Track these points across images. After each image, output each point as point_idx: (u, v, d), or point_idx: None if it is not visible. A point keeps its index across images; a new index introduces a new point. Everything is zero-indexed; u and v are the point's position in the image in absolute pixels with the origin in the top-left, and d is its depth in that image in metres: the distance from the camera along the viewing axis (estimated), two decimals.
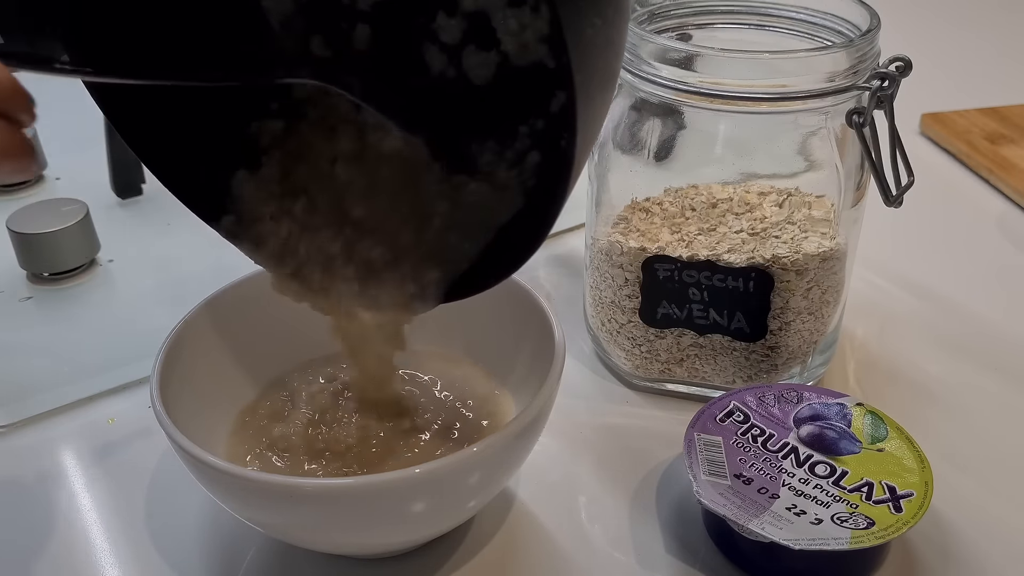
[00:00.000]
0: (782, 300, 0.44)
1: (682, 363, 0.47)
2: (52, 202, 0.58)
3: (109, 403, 0.49)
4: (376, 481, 0.33)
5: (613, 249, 0.46)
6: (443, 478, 0.34)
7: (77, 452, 0.46)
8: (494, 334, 0.45)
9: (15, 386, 0.50)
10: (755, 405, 0.42)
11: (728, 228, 0.44)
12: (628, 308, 0.46)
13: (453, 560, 0.40)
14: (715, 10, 0.47)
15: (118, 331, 0.54)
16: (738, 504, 0.37)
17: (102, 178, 0.65)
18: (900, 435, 0.40)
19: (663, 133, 0.44)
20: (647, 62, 0.42)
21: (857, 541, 0.36)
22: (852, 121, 0.41)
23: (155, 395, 0.37)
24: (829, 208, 0.44)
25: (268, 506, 0.35)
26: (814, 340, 0.46)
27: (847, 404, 0.42)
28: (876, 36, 0.42)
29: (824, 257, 0.44)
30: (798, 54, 0.41)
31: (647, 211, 0.46)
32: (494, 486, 0.39)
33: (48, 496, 0.43)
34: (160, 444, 0.45)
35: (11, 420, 0.47)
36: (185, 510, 0.42)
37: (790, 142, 0.44)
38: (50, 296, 0.56)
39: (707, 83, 0.41)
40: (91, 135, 0.64)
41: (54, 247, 0.56)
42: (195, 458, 0.34)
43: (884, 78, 0.41)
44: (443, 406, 0.42)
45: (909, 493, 0.37)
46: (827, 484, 0.38)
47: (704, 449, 0.40)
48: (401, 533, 0.37)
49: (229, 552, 0.40)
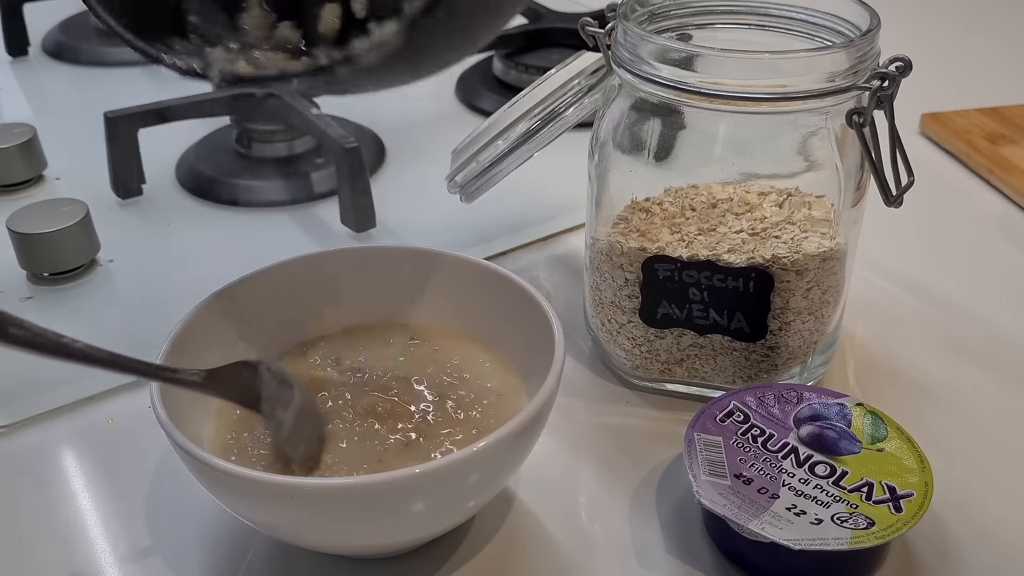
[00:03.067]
0: (782, 300, 0.44)
1: (682, 363, 0.47)
2: (52, 202, 0.58)
3: (109, 403, 0.49)
4: (376, 481, 0.33)
5: (613, 249, 0.46)
6: (443, 478, 0.34)
7: (77, 452, 0.46)
8: (494, 334, 0.45)
9: (15, 386, 0.50)
10: (755, 405, 0.42)
11: (728, 228, 0.44)
12: (628, 308, 0.46)
13: (453, 560, 0.40)
14: (715, 10, 0.47)
15: (118, 331, 0.54)
16: (738, 504, 0.37)
17: (102, 178, 0.66)
18: (900, 435, 0.40)
19: (663, 133, 0.44)
20: (647, 62, 0.42)
21: (857, 541, 0.36)
22: (852, 121, 0.41)
23: (155, 395, 0.37)
24: (829, 208, 0.44)
25: (268, 506, 0.35)
26: (814, 340, 0.46)
27: (847, 404, 0.42)
28: (876, 36, 0.42)
29: (824, 257, 0.44)
30: (798, 54, 0.41)
31: (647, 211, 0.46)
32: (494, 486, 0.39)
33: (48, 496, 0.43)
34: (160, 444, 0.45)
35: (11, 420, 0.47)
36: (185, 510, 0.42)
37: (790, 142, 0.44)
38: (50, 296, 0.56)
39: (707, 83, 0.41)
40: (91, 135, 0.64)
41: (54, 247, 0.56)
42: (195, 458, 0.34)
43: (884, 78, 0.41)
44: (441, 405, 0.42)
45: (909, 493, 0.38)
46: (827, 484, 0.38)
47: (704, 449, 0.40)
48: (401, 533, 0.37)
49: (229, 552, 0.40)
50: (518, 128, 0.50)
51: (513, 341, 0.44)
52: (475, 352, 0.45)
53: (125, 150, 0.64)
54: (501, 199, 0.58)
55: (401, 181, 0.68)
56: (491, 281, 0.44)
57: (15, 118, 0.72)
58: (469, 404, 0.42)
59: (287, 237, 0.62)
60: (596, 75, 0.49)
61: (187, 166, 0.69)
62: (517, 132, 0.50)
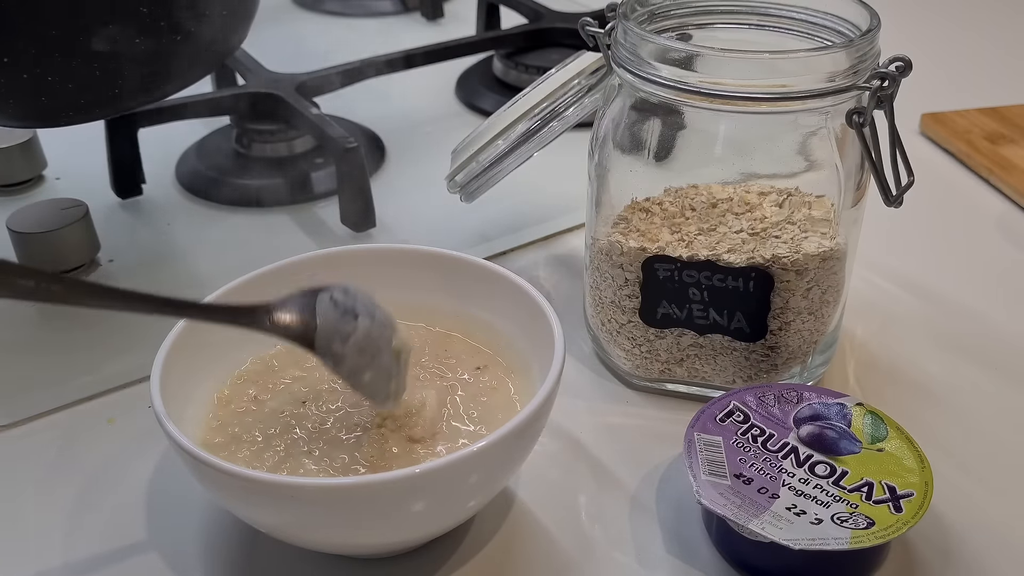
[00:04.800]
0: (782, 300, 0.44)
1: (682, 363, 0.47)
2: (52, 202, 0.58)
3: (109, 403, 0.49)
4: (376, 481, 0.34)
5: (613, 249, 0.46)
6: (443, 478, 0.34)
7: (77, 452, 0.46)
8: (494, 334, 0.45)
9: (15, 386, 0.50)
10: (755, 405, 0.42)
11: (728, 228, 0.44)
12: (628, 308, 0.46)
13: (453, 560, 0.40)
14: (715, 10, 0.47)
15: (118, 331, 0.54)
16: (738, 504, 0.37)
17: (102, 178, 0.65)
18: (900, 435, 0.40)
19: (663, 133, 0.44)
20: (647, 62, 0.42)
21: (857, 541, 0.36)
22: (852, 121, 0.41)
23: (155, 395, 0.37)
24: (829, 208, 0.44)
25: (268, 506, 0.35)
26: (814, 340, 0.46)
27: (847, 404, 0.42)
28: (876, 36, 0.42)
29: (824, 257, 0.44)
30: (798, 54, 0.41)
31: (647, 211, 0.46)
32: (494, 486, 0.39)
33: (48, 496, 0.43)
34: (160, 444, 0.45)
35: (11, 420, 0.47)
36: (185, 510, 0.42)
37: (790, 142, 0.44)
38: None
39: (707, 83, 0.41)
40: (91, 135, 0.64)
41: (54, 247, 0.56)
42: (195, 458, 0.34)
43: (884, 78, 0.41)
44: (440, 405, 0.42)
45: (909, 493, 0.38)
46: (827, 484, 0.38)
47: (704, 449, 0.40)
48: (401, 533, 0.37)
49: (229, 552, 0.40)
50: (518, 128, 0.50)
51: (513, 341, 0.44)
52: (475, 352, 0.45)
53: (125, 150, 0.64)
54: (501, 199, 0.58)
55: (401, 181, 0.68)
56: (491, 281, 0.45)
57: None
58: (469, 404, 0.42)
59: (287, 237, 0.62)
60: (596, 75, 0.49)
61: (187, 166, 0.69)
62: (517, 132, 0.50)
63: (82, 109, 0.50)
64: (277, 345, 0.45)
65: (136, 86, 0.50)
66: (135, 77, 0.50)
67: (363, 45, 0.85)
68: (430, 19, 0.97)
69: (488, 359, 0.44)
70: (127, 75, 0.49)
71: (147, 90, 0.52)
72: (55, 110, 0.50)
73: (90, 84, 0.48)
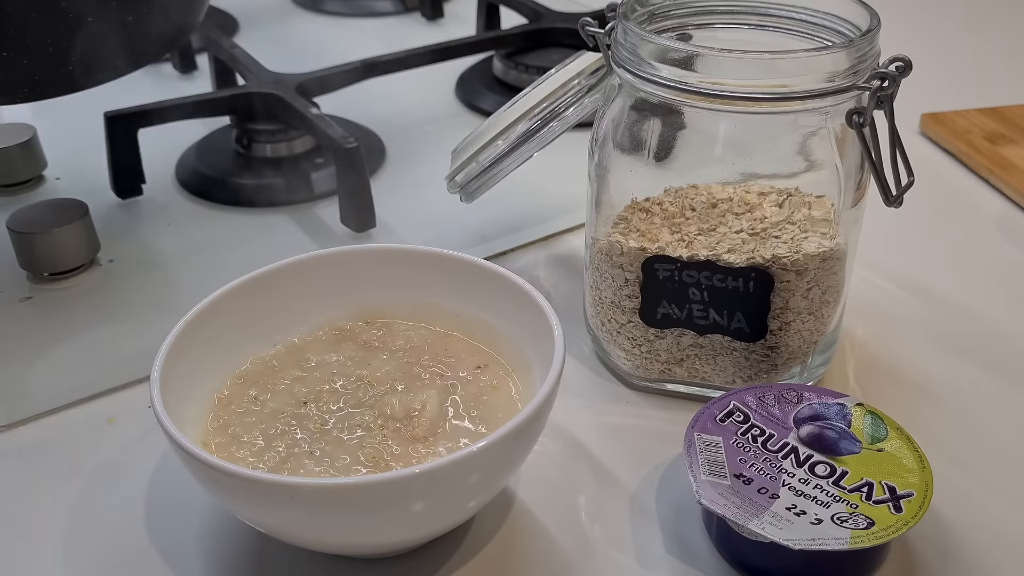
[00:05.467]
0: (782, 300, 0.44)
1: (682, 363, 0.47)
2: (52, 202, 0.58)
3: (109, 403, 0.49)
4: (376, 481, 0.34)
5: (613, 249, 0.46)
6: (443, 478, 0.34)
7: (77, 452, 0.46)
8: (493, 334, 0.45)
9: (15, 386, 0.50)
10: (755, 405, 0.42)
11: (728, 228, 0.44)
12: (628, 308, 0.46)
13: (453, 560, 0.40)
14: (715, 10, 0.47)
15: (118, 331, 0.54)
16: (738, 504, 0.37)
17: (102, 178, 0.66)
18: (900, 435, 0.40)
19: (663, 133, 0.44)
20: (647, 62, 0.42)
21: (857, 541, 0.36)
22: (852, 121, 0.41)
23: (155, 395, 0.37)
24: (829, 208, 0.44)
25: (268, 506, 0.35)
26: (814, 340, 0.46)
27: (847, 404, 0.42)
28: (876, 36, 0.42)
29: (824, 257, 0.44)
30: (798, 54, 0.41)
31: (647, 211, 0.46)
32: (494, 486, 0.39)
33: (48, 496, 0.43)
34: (160, 444, 0.45)
35: (11, 420, 0.47)
36: (185, 510, 0.42)
37: (790, 142, 0.44)
38: (50, 296, 0.56)
39: (707, 83, 0.41)
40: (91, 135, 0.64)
41: (54, 247, 0.56)
42: (195, 458, 0.34)
43: (884, 78, 0.41)
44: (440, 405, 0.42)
45: (909, 493, 0.38)
46: (827, 484, 0.38)
47: (704, 449, 0.40)
48: (401, 533, 0.37)
49: (229, 552, 0.40)
50: (518, 128, 0.50)
51: (513, 341, 0.44)
52: (474, 352, 0.45)
53: (125, 150, 0.64)
54: (501, 199, 0.58)
55: (401, 181, 0.68)
56: (491, 281, 0.45)
57: (15, 118, 0.72)
58: (468, 404, 0.42)
59: (287, 237, 0.62)
60: (596, 75, 0.49)
61: (187, 166, 0.69)
62: (517, 132, 0.50)
63: (36, 86, 0.50)
64: (277, 345, 0.45)
65: (90, 63, 0.50)
66: (88, 54, 0.50)
67: (363, 45, 0.85)
68: (430, 19, 0.97)
69: (488, 358, 0.44)
70: (80, 52, 0.49)
71: (102, 68, 0.51)
72: (9, 86, 0.50)
73: (43, 61, 0.48)
